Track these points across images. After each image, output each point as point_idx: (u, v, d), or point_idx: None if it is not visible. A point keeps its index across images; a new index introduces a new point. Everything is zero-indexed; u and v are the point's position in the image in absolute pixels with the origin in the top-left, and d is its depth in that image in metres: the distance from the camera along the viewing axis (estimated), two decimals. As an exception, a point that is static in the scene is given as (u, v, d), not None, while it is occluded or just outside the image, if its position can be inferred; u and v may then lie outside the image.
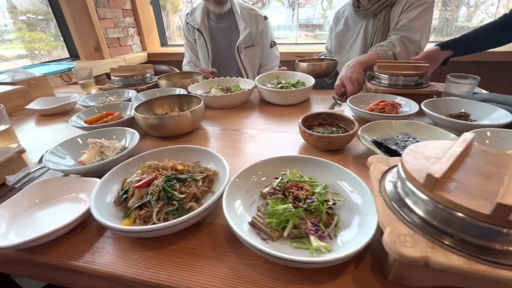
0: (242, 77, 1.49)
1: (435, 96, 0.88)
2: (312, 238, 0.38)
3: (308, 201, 0.42)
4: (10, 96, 1.06)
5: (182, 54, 1.70)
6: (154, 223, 0.43)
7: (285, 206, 0.41)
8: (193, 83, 1.11)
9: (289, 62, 2.13)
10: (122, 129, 0.70)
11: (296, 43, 2.63)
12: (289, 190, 0.45)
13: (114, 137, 0.69)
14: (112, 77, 1.18)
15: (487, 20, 1.42)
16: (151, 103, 0.86)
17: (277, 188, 0.46)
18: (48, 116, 1.02)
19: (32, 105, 1.03)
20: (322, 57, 1.92)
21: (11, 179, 0.59)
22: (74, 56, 2.13)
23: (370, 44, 1.24)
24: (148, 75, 1.20)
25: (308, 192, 0.44)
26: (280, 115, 0.92)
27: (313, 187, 0.45)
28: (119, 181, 0.52)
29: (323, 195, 0.44)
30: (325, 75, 1.26)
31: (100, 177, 0.54)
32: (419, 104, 0.79)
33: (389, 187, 0.40)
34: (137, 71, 1.17)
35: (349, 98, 0.88)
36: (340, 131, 0.71)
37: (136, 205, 0.45)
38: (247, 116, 0.93)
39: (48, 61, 1.95)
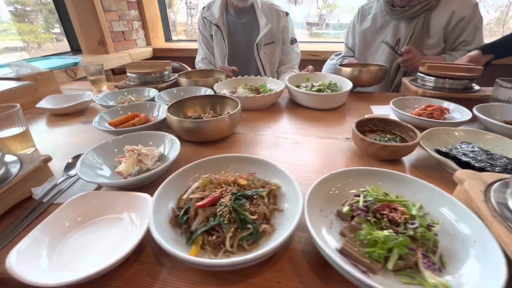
0: (261, 75, 1.43)
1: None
2: (426, 272, 0.33)
3: (410, 226, 0.36)
4: (17, 92, 0.97)
5: (188, 50, 1.62)
6: (227, 251, 0.37)
7: (386, 233, 0.35)
8: (216, 82, 1.04)
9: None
10: (159, 134, 0.63)
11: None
12: (381, 212, 0.39)
13: (150, 142, 0.62)
14: (128, 74, 1.10)
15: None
16: (181, 104, 0.79)
17: (364, 209, 0.41)
18: (60, 115, 0.94)
19: (43, 104, 0.95)
20: (339, 56, 1.87)
21: (37, 191, 0.52)
22: (75, 50, 2.02)
23: (401, 47, 1.20)
24: (166, 72, 1.12)
25: (406, 215, 0.38)
26: (317, 119, 0.87)
27: (408, 209, 0.39)
28: (170, 196, 0.45)
29: (423, 218, 0.38)
30: (371, 84, 1.07)
31: (139, 190, 0.48)
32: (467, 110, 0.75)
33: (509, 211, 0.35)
34: (156, 67, 1.09)
35: (392, 101, 0.84)
36: (397, 139, 0.65)
37: (203, 229, 0.38)
38: (280, 119, 0.88)
39: (49, 55, 1.83)
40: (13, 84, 0.98)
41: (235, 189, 0.43)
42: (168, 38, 2.69)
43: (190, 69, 1.70)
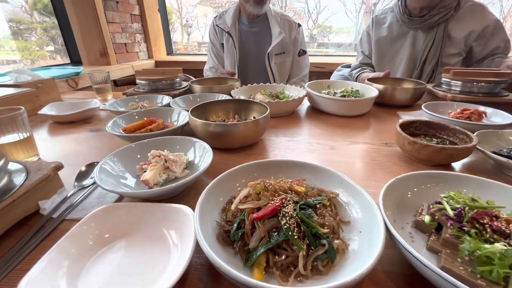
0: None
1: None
2: None
3: (525, 238, 0.30)
4: (18, 99, 0.89)
5: (190, 63, 1.59)
6: (299, 274, 0.29)
7: (500, 246, 0.28)
8: (232, 89, 0.99)
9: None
10: (186, 140, 0.56)
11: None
12: (480, 221, 0.32)
13: (178, 147, 0.55)
14: (137, 81, 1.04)
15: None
16: (203, 109, 0.73)
17: (455, 218, 0.34)
18: (63, 123, 0.86)
19: (46, 111, 0.87)
20: (356, 65, 1.86)
21: (46, 205, 0.43)
22: (76, 62, 1.96)
23: (423, 58, 1.18)
24: (178, 79, 1.07)
25: (513, 224, 0.31)
26: (344, 126, 0.82)
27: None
28: (212, 208, 0.38)
29: (533, 228, 0.31)
30: (406, 104, 0.97)
31: (166, 201, 0.40)
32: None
33: None
34: (167, 74, 1.04)
35: (424, 105, 0.80)
36: (447, 142, 0.60)
37: (266, 247, 0.31)
38: (305, 125, 0.83)
39: (49, 66, 1.77)
40: (13, 90, 0.91)
41: (295, 196, 0.36)
42: (169, 52, 2.67)
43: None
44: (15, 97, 0.89)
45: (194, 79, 1.14)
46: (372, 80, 1.06)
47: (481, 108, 0.77)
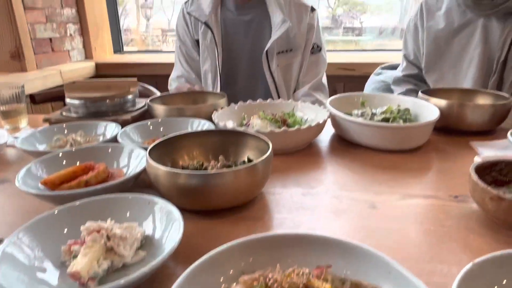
0: (273, 98, 1.45)
1: None
2: None
3: None
4: None
5: (148, 66, 1.65)
6: None
7: None
8: (215, 110, 1.02)
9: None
10: (141, 200, 0.57)
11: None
12: None
13: (128, 214, 0.56)
14: (67, 100, 1.07)
15: None
16: (169, 146, 0.75)
17: None
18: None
19: None
20: (382, 69, 1.94)
21: None
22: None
23: (501, 58, 1.24)
24: (130, 97, 1.11)
25: None
26: (390, 167, 0.85)
27: None
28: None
29: None
30: (483, 128, 1.01)
31: None
32: None
33: None
34: (114, 90, 1.07)
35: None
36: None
37: None
38: (328, 167, 0.87)
39: None
40: None
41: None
42: (118, 49, 2.78)
43: (158, 93, 1.73)
44: None
45: (156, 95, 1.18)
46: (430, 92, 1.09)
47: None
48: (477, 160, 0.78)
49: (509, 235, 0.58)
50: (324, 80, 1.60)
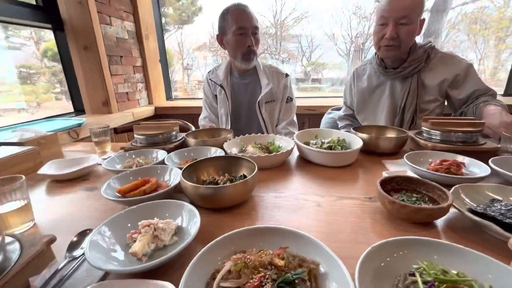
0: (262, 131, 1.47)
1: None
2: None
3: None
4: (19, 158, 0.94)
5: (188, 108, 1.70)
6: None
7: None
8: (225, 141, 1.04)
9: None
10: (177, 204, 0.59)
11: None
12: (449, 298, 0.34)
13: (167, 214, 0.57)
14: (135, 135, 1.09)
15: None
16: (195, 167, 0.77)
17: (427, 293, 0.35)
18: (62, 181, 0.89)
19: (45, 170, 0.90)
20: (341, 118, 1.96)
21: (36, 282, 0.44)
22: (79, 110, 2.06)
23: (402, 105, 1.27)
24: (174, 132, 1.13)
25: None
26: (331, 177, 0.85)
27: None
28: (197, 284, 0.39)
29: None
30: (390, 151, 1.01)
31: (153, 272, 0.42)
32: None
33: None
34: (163, 129, 1.10)
35: (406, 156, 0.84)
36: (426, 198, 0.63)
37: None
38: (294, 178, 0.86)
39: (52, 116, 1.86)
40: (15, 149, 0.95)
41: (273, 273, 0.38)
42: (169, 97, 2.82)
43: (193, 127, 1.75)
44: (18, 156, 0.93)
45: (190, 130, 1.20)
46: (358, 128, 1.12)
47: (460, 159, 0.82)
48: (385, 174, 0.79)
49: (400, 224, 0.59)
50: (295, 118, 1.61)
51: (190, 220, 0.55)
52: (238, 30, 1.31)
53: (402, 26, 1.16)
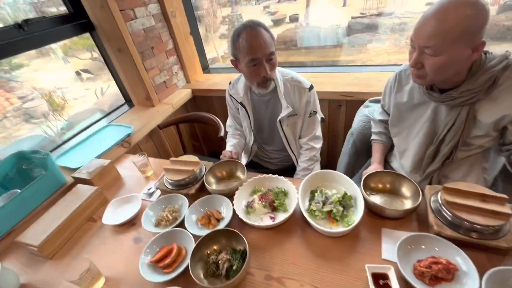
0: (285, 145, 1.52)
1: None
2: None
3: None
4: (88, 203, 1.29)
5: (226, 83, 1.65)
6: None
7: None
8: (236, 189, 1.17)
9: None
10: None
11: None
12: None
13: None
14: (165, 179, 1.30)
15: None
16: (202, 243, 0.96)
17: None
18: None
19: (107, 219, 1.21)
20: (370, 102, 1.76)
21: None
22: (128, 100, 2.34)
23: (441, 137, 1.11)
24: (197, 171, 1.29)
25: None
26: (324, 246, 0.95)
27: None
28: None
29: None
30: (396, 219, 1.00)
31: None
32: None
33: None
34: (189, 165, 1.28)
35: (400, 243, 0.85)
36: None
37: None
38: (293, 248, 0.97)
39: (107, 113, 2.21)
40: (87, 193, 1.30)
41: None
42: (205, 67, 2.82)
43: (221, 124, 1.88)
44: (90, 200, 1.28)
45: (209, 167, 1.33)
46: (367, 178, 1.10)
47: (458, 258, 0.79)
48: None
49: None
50: (318, 132, 1.56)
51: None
52: (251, 62, 1.23)
53: (427, 56, 0.93)
